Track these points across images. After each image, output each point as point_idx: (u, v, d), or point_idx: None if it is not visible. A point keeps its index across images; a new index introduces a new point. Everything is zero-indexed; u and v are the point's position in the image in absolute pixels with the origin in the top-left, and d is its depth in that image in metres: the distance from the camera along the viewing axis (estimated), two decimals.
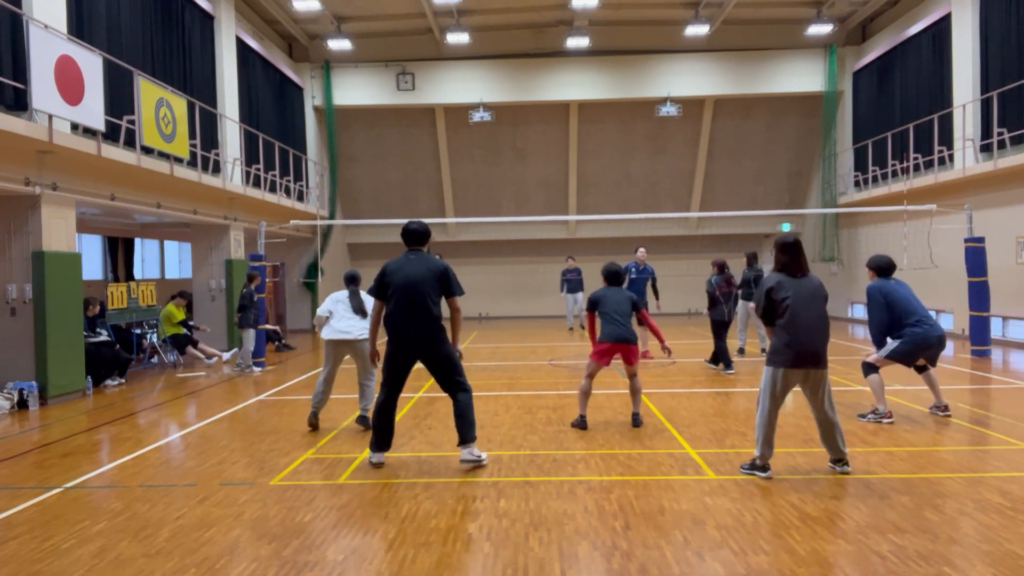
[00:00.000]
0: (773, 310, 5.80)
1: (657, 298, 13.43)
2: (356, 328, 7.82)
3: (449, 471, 6.19)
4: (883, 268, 7.91)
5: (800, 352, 5.67)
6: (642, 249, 13.57)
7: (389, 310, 6.29)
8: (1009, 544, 4.39)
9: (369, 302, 7.52)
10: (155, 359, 14.44)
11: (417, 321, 6.18)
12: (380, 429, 6.37)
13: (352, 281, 8.14)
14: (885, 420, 7.74)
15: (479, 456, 6.35)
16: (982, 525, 4.71)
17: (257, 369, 13.03)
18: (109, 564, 4.35)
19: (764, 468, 5.84)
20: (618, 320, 7.62)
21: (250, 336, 12.96)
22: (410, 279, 6.20)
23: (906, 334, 7.53)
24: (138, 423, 8.70)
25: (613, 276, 7.94)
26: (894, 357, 7.67)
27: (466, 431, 6.32)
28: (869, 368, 7.88)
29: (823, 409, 5.79)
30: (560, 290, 19.38)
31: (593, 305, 7.82)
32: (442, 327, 6.28)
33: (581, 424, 7.71)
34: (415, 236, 6.43)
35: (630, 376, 7.83)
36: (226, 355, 14.34)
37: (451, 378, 6.32)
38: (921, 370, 8.08)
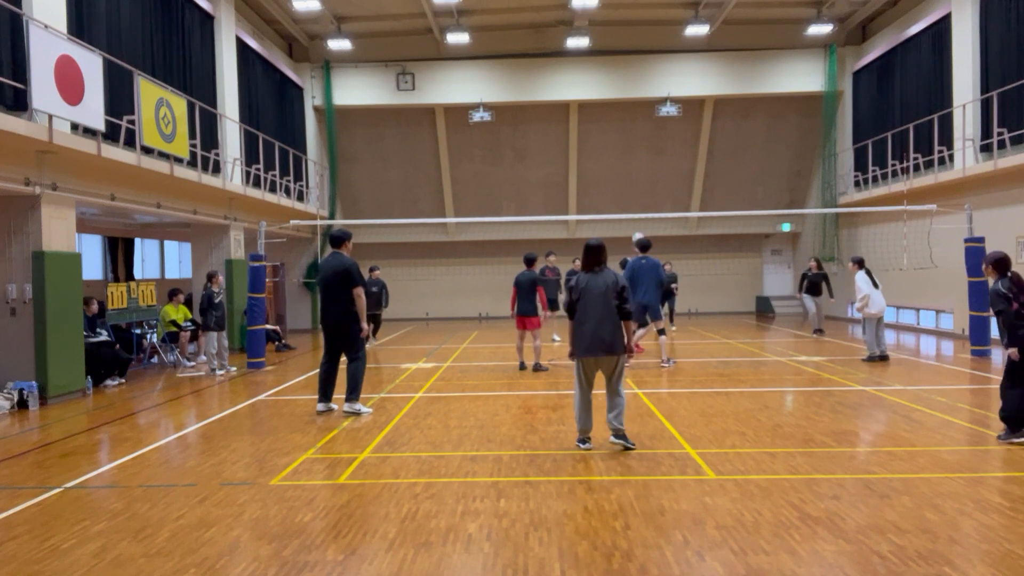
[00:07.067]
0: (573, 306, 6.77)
1: None
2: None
3: (449, 471, 6.19)
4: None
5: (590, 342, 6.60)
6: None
7: (320, 300, 8.58)
8: (1009, 544, 4.39)
9: None
10: (155, 359, 14.44)
11: (332, 311, 8.35)
12: (323, 384, 8.59)
13: None
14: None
15: (358, 409, 8.39)
16: (982, 525, 4.71)
17: (220, 373, 12.63)
18: (109, 564, 4.35)
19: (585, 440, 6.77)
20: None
21: (211, 339, 12.72)
22: (326, 277, 8.33)
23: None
24: (138, 423, 8.70)
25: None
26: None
27: (352, 388, 8.41)
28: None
29: (615, 389, 6.69)
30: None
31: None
32: (353, 313, 8.26)
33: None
34: (333, 240, 8.59)
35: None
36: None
37: (349, 352, 8.45)
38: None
